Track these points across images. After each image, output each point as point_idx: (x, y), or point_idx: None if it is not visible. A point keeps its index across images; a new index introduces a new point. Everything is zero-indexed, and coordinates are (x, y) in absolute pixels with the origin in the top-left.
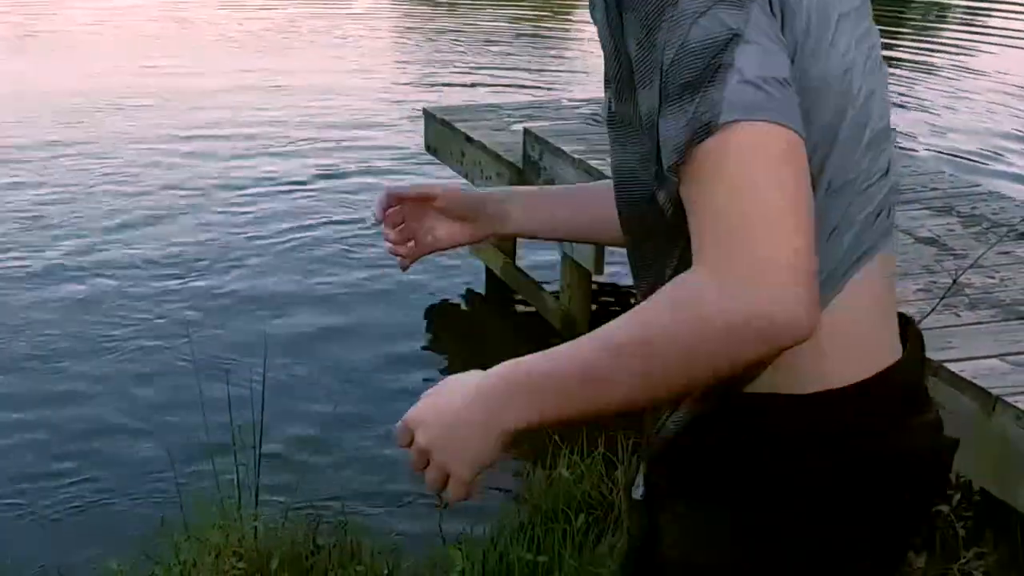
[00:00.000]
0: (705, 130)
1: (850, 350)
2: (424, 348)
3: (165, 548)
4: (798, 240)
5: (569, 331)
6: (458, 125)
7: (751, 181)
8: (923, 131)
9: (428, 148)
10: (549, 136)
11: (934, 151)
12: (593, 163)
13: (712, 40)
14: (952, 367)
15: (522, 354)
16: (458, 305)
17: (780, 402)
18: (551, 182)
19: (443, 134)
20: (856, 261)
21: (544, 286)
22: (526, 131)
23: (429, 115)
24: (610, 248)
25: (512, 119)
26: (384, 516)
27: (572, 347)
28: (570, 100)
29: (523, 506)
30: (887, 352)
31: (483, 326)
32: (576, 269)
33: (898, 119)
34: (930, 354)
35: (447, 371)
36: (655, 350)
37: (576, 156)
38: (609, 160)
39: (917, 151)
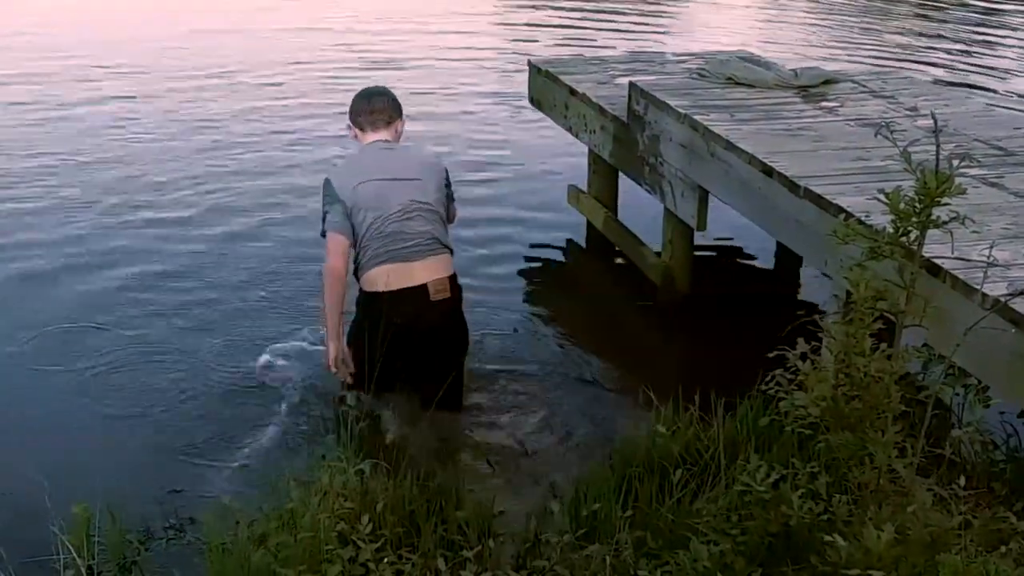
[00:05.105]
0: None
1: (375, 283)
2: (524, 299)
3: (272, 487)
4: (330, 255)
5: (668, 286)
6: (563, 78)
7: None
8: None
9: (532, 101)
10: (654, 90)
11: None
12: (698, 117)
13: (324, 212)
14: None
15: (617, 307)
16: (559, 258)
17: (362, 293)
18: (656, 137)
19: (547, 87)
20: (376, 263)
21: (645, 241)
22: (631, 85)
23: (534, 68)
24: (713, 204)
25: (617, 72)
26: (482, 465)
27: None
28: (676, 54)
29: (619, 461)
30: (389, 284)
31: (582, 279)
32: (678, 225)
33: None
34: None
35: (545, 320)
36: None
37: (681, 110)
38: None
39: None
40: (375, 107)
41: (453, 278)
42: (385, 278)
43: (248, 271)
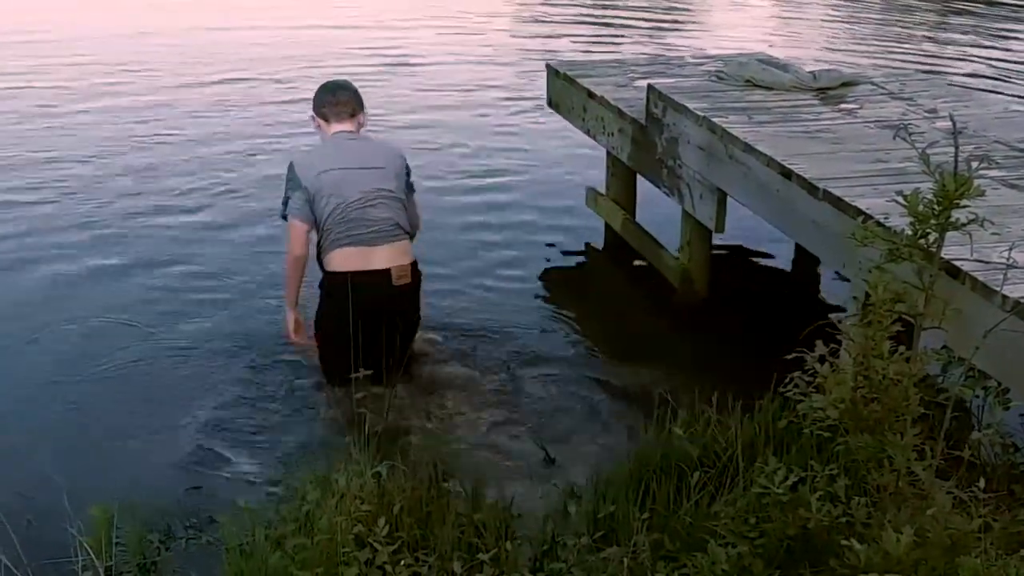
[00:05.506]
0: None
1: (338, 264)
2: (541, 301)
3: (290, 489)
4: (291, 242)
5: (687, 288)
6: (581, 80)
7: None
8: None
9: (550, 104)
10: (673, 93)
11: None
12: (716, 120)
13: (286, 197)
14: None
15: (635, 308)
16: (577, 259)
17: (325, 275)
18: (674, 139)
19: (565, 90)
20: (339, 246)
21: (663, 243)
22: (650, 87)
23: (552, 71)
24: (732, 206)
25: (635, 75)
26: (499, 466)
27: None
28: (694, 57)
29: (636, 462)
30: (352, 266)
31: (600, 281)
32: (696, 227)
33: None
34: None
35: (563, 322)
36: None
37: (699, 113)
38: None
39: None
40: (339, 99)
41: (414, 265)
42: (348, 260)
43: (263, 268)
